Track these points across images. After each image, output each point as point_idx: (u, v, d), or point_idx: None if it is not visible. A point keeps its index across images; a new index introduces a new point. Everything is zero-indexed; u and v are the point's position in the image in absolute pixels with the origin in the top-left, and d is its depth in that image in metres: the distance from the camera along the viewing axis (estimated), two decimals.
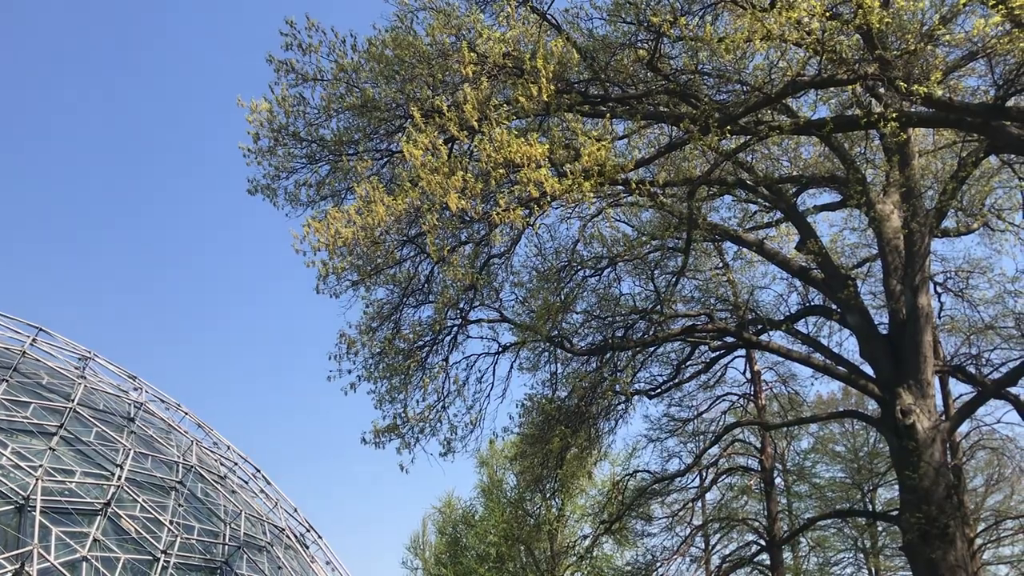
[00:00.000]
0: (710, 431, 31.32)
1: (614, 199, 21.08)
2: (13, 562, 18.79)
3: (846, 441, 41.01)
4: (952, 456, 26.24)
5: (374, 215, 14.68)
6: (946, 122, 16.75)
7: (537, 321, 20.43)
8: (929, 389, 19.41)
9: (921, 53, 14.53)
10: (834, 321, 23.66)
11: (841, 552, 41.58)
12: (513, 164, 14.00)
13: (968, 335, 26.05)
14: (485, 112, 14.80)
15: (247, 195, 18.90)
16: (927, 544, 18.15)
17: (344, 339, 18.84)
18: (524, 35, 16.87)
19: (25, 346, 26.62)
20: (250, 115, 17.53)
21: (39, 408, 23.50)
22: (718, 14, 16.45)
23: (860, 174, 20.12)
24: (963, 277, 26.03)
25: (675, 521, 33.15)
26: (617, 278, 23.57)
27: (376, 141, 18.42)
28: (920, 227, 19.82)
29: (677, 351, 24.97)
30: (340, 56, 17.38)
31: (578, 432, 23.33)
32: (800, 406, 33.88)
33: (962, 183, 20.39)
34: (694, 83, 17.21)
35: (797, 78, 15.12)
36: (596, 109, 17.10)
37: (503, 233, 17.69)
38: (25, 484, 20.52)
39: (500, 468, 48.41)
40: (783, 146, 21.84)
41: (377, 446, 19.48)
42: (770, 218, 24.41)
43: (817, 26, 13.69)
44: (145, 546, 21.70)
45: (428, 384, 20.13)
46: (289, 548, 28.27)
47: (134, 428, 26.03)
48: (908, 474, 18.69)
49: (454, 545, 50.69)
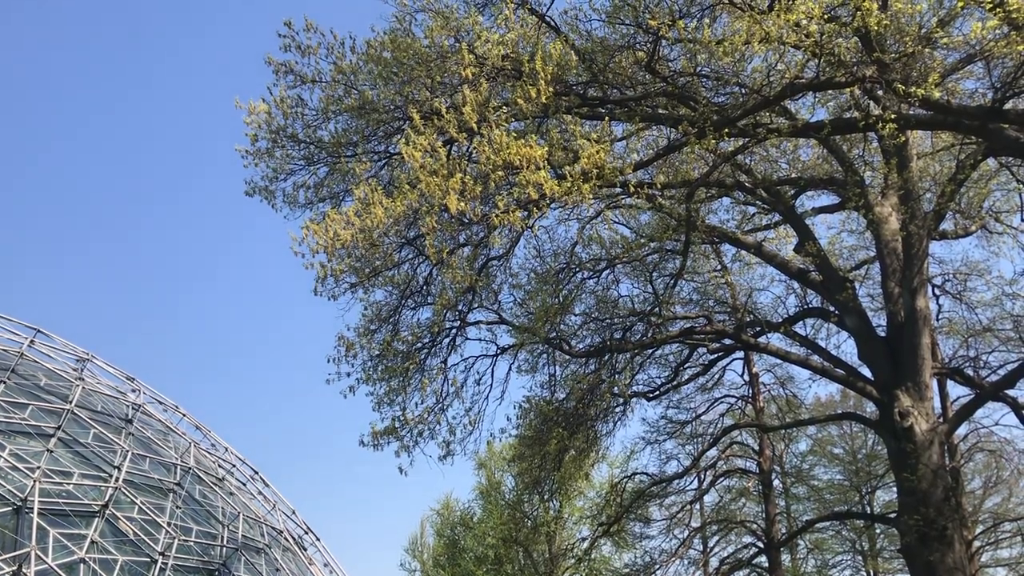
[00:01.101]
0: (708, 433, 31.29)
1: (613, 201, 21.10)
2: (11, 564, 18.76)
3: (844, 443, 41.02)
4: (950, 458, 26.25)
5: (373, 217, 14.67)
6: (944, 124, 16.76)
7: (535, 323, 20.42)
8: (927, 391, 19.43)
9: (919, 56, 14.56)
10: (832, 323, 23.67)
11: (839, 554, 41.60)
12: (512, 166, 13.99)
13: (966, 337, 26.08)
14: (484, 114, 14.79)
15: (245, 197, 18.87)
16: (925, 546, 18.15)
17: (343, 342, 18.83)
18: (523, 37, 16.86)
19: (23, 347, 26.60)
20: (248, 117, 17.54)
21: (37, 410, 23.47)
22: (716, 16, 16.46)
23: (858, 176, 20.14)
24: (961, 279, 26.07)
25: (673, 523, 33.15)
26: (615, 280, 23.61)
27: (375, 143, 18.41)
28: (918, 229, 19.83)
29: (675, 353, 24.96)
30: (339, 58, 17.37)
31: (576, 434, 23.34)
32: (798, 408, 33.87)
33: (960, 185, 20.42)
34: (692, 85, 17.22)
35: (795, 80, 15.13)
36: (595, 111, 17.12)
37: (502, 235, 17.70)
38: (23, 486, 20.49)
39: (498, 470, 48.39)
40: (781, 148, 21.86)
41: (376, 448, 19.46)
42: (768, 220, 24.44)
43: (815, 29, 13.71)
44: (143, 548, 21.67)
45: (427, 386, 20.12)
46: (287, 550, 28.24)
47: (132, 430, 26.00)
48: (906, 476, 18.70)
49: (452, 547, 50.66)
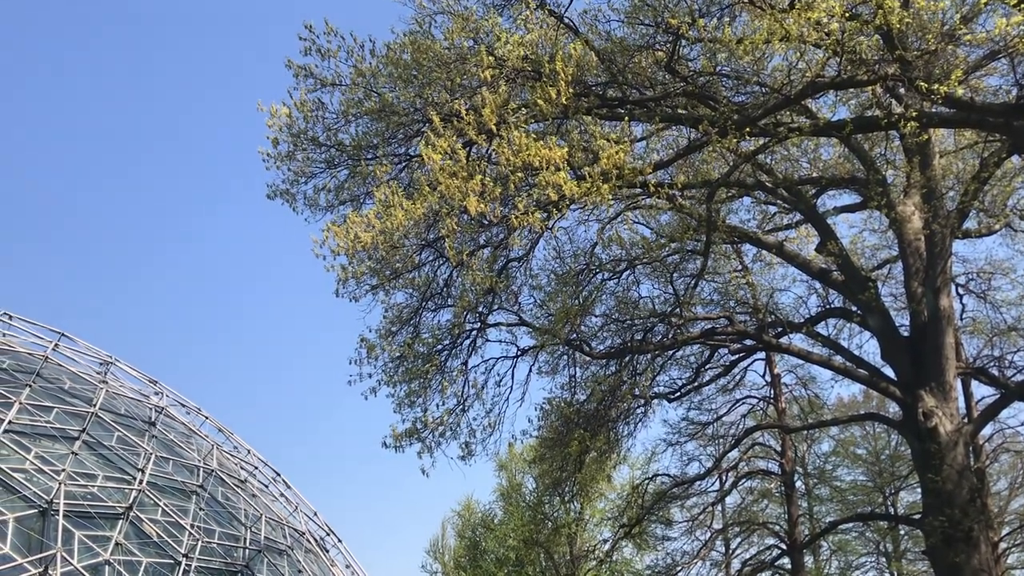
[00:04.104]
0: (730, 435, 31.17)
1: (632, 202, 21.05)
2: (37, 565, 18.91)
3: (867, 444, 40.78)
4: (975, 459, 25.98)
5: (393, 219, 14.70)
6: (967, 122, 16.63)
7: (556, 324, 20.41)
8: (951, 391, 19.27)
9: (942, 53, 14.45)
10: (855, 323, 23.52)
11: (863, 556, 41.39)
12: (532, 167, 14.00)
13: (990, 337, 25.87)
14: (503, 116, 14.80)
15: (267, 199, 18.97)
16: (951, 548, 18.01)
17: (364, 343, 18.91)
18: (542, 38, 16.87)
19: (48, 351, 26.81)
20: (270, 120, 17.62)
21: (61, 413, 23.65)
22: (736, 15, 16.40)
23: (880, 175, 20.00)
24: (985, 278, 25.86)
25: (695, 525, 33.03)
26: (636, 281, 23.53)
27: (394, 145, 18.46)
28: (941, 228, 19.68)
29: (696, 354, 24.86)
30: (358, 61, 17.43)
31: (597, 435, 23.29)
32: (820, 409, 33.70)
33: (984, 183, 20.23)
34: (712, 85, 17.17)
35: (816, 79, 15.04)
36: (614, 112, 17.08)
37: (521, 236, 17.69)
38: (48, 488, 20.65)
39: (519, 472, 48.40)
40: (802, 147, 21.75)
41: (397, 450, 19.50)
42: (789, 220, 24.32)
43: (836, 27, 13.63)
44: (167, 550, 21.79)
45: (447, 388, 20.15)
46: (309, 552, 28.33)
47: (155, 432, 26.15)
48: (931, 477, 18.55)
49: (473, 549, 50.72)
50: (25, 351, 26.79)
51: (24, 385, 23.64)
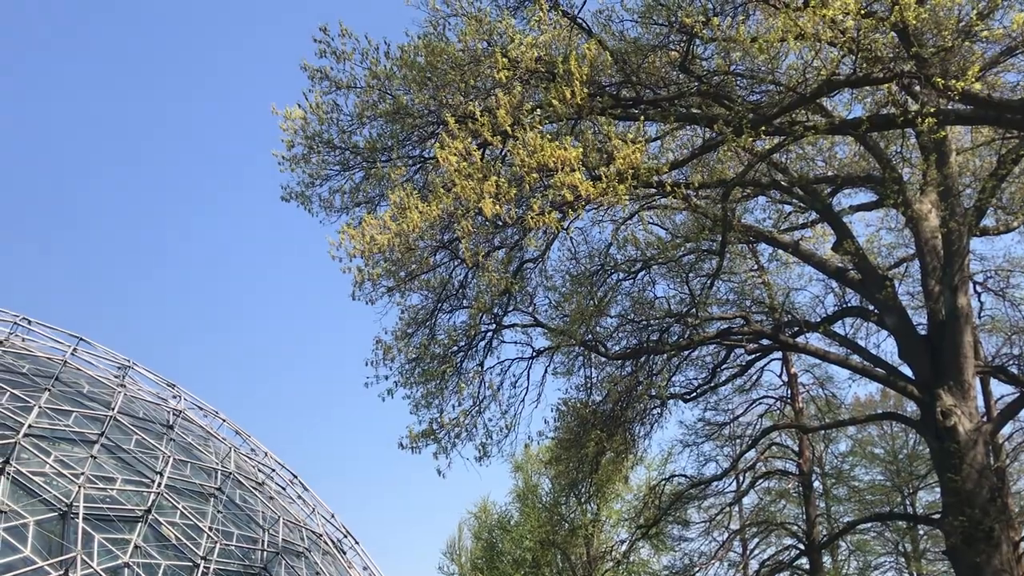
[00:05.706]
0: (747, 435, 31.06)
1: (648, 202, 21.00)
2: (57, 568, 19.07)
3: (885, 443, 40.50)
4: (995, 458, 25.78)
5: (408, 221, 14.73)
6: (984, 119, 16.51)
7: (571, 325, 20.40)
8: (970, 390, 19.12)
9: (958, 49, 14.36)
10: (872, 322, 23.40)
11: (882, 556, 41.12)
12: (547, 168, 14.00)
13: (1009, 335, 25.66)
14: (518, 116, 14.81)
15: (281, 202, 19.04)
16: (971, 547, 17.87)
17: (380, 345, 18.95)
18: (556, 39, 16.87)
19: (66, 355, 27.02)
20: (284, 122, 17.70)
21: (80, 416, 23.82)
22: (750, 13, 16.35)
23: (896, 173, 19.87)
24: (1003, 276, 25.66)
25: (712, 526, 32.95)
26: (651, 281, 23.46)
27: (409, 147, 18.51)
28: (959, 226, 19.53)
29: (712, 354, 24.76)
30: (373, 63, 17.48)
31: (613, 436, 23.25)
32: (838, 408, 33.52)
33: (1002, 181, 20.06)
34: (727, 84, 17.12)
35: (832, 77, 14.98)
36: (628, 112, 17.07)
37: (536, 237, 17.69)
38: (68, 491, 20.81)
39: (535, 473, 48.36)
40: (818, 146, 21.63)
41: (413, 451, 19.53)
42: (805, 219, 24.20)
43: (852, 24, 13.57)
44: (185, 552, 21.92)
45: (463, 389, 20.18)
46: (327, 554, 28.42)
47: (173, 435, 26.30)
48: (950, 476, 18.41)
49: (490, 550, 50.71)
50: (44, 356, 27.00)
51: (43, 389, 23.83)
